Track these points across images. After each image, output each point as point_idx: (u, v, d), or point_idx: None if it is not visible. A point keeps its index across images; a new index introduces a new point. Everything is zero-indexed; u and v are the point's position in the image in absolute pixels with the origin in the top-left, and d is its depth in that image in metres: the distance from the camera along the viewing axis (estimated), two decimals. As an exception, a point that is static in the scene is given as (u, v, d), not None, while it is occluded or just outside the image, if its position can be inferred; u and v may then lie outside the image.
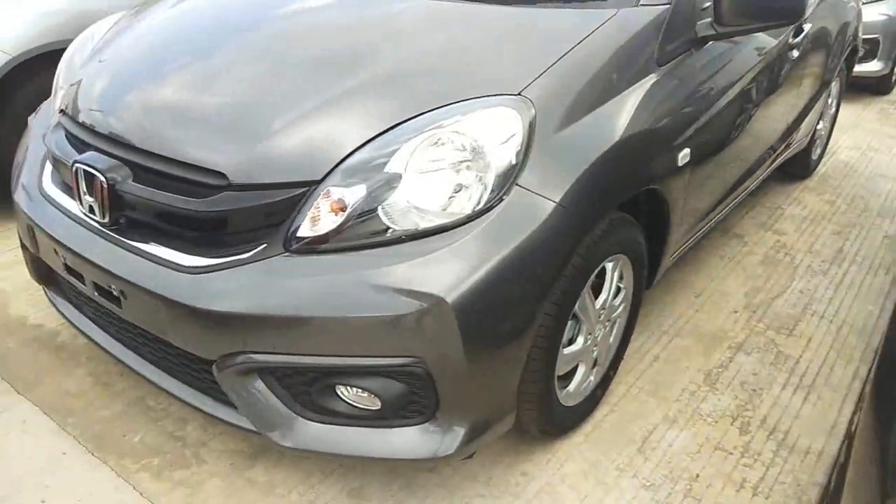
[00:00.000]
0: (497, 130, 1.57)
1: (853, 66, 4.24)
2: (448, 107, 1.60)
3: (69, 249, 1.78)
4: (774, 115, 2.90)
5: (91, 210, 1.74)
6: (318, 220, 1.55)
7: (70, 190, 1.90)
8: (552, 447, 2.07)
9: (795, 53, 2.90)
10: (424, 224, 1.53)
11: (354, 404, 1.62)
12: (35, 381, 2.25)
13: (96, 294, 1.79)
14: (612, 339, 2.16)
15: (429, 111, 1.60)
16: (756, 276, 3.10)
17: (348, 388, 1.61)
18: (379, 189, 1.54)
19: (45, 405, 2.15)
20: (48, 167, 2.04)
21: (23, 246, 2.16)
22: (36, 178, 2.03)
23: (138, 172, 1.68)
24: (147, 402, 2.18)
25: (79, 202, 1.77)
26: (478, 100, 1.62)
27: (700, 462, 2.07)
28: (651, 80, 1.92)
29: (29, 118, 2.32)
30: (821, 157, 4.32)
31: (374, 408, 1.61)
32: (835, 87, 4.01)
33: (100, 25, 2.36)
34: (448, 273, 1.48)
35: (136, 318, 1.72)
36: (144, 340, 1.83)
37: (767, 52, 2.60)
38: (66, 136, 1.93)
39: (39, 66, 3.03)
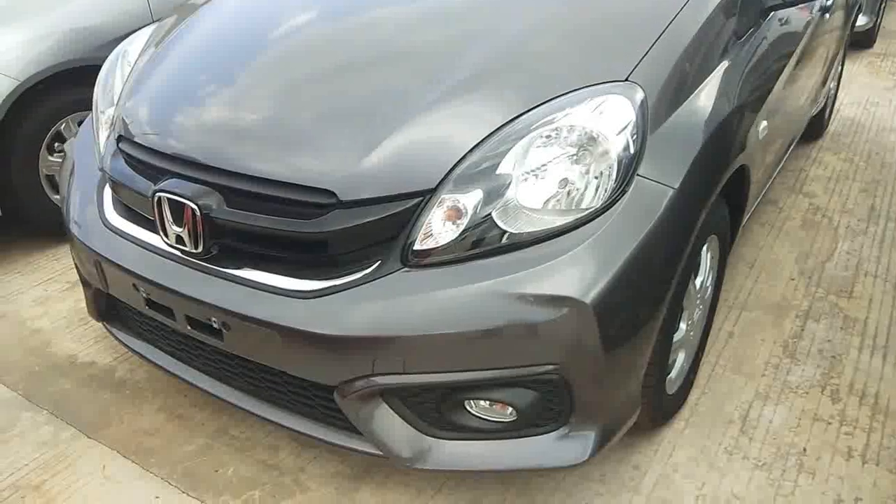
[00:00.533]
0: (611, 120, 1.51)
1: (856, 22, 4.26)
2: (556, 100, 1.53)
3: (155, 284, 1.67)
4: (814, 75, 2.89)
5: (178, 240, 1.63)
6: (434, 230, 1.47)
7: (142, 219, 1.79)
8: (656, 437, 2.04)
9: (828, 15, 2.89)
10: (545, 224, 1.46)
11: (486, 417, 1.56)
12: (103, 422, 2.13)
13: (189, 328, 1.68)
14: (702, 320, 2.13)
15: (537, 107, 1.53)
16: (800, 240, 3.10)
17: (479, 401, 1.54)
18: (494, 192, 1.47)
19: (122, 447, 2.04)
20: (107, 195, 1.92)
21: (83, 282, 2.03)
22: (96, 208, 1.90)
23: (231, 197, 1.58)
24: (230, 432, 2.08)
25: (162, 233, 1.66)
26: (585, 90, 1.55)
27: (803, 436, 2.05)
28: (734, 54, 1.87)
29: (66, 145, 2.18)
30: (830, 114, 4.35)
31: (507, 419, 1.55)
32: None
33: (133, 44, 2.22)
34: (584, 274, 1.42)
35: (241, 349, 1.63)
36: (244, 371, 1.73)
37: (812, 16, 2.58)
38: (130, 163, 1.81)
39: (44, 89, 2.87)
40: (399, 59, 1.70)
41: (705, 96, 1.70)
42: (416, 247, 1.48)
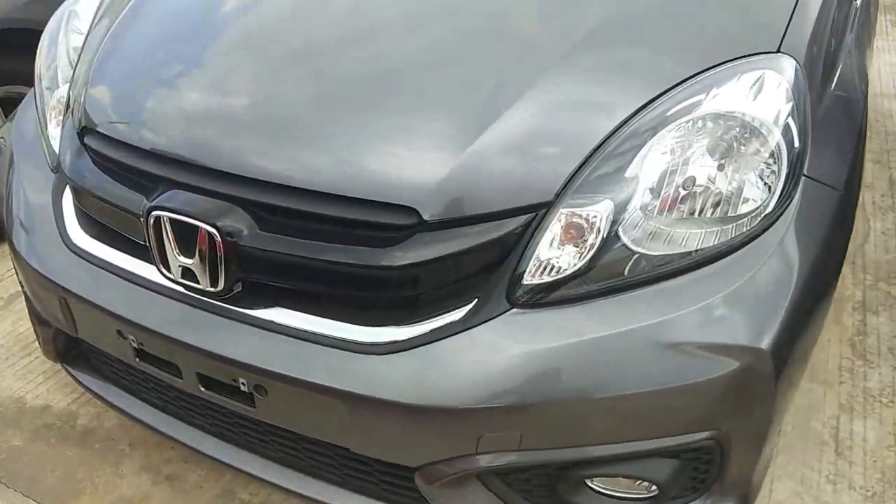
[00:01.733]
0: (770, 104, 1.15)
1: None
2: (697, 79, 1.17)
3: (153, 332, 1.23)
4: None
5: (186, 274, 1.19)
6: (551, 256, 1.10)
7: (126, 242, 1.33)
8: (749, 468, 1.76)
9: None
10: (690, 244, 1.11)
11: (614, 495, 1.22)
12: (72, 490, 1.68)
13: (204, 390, 1.26)
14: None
15: (674, 87, 1.16)
16: (830, 220, 2.88)
17: (604, 478, 1.20)
18: (622, 204, 1.10)
19: (101, 523, 1.61)
20: (68, 206, 1.44)
21: (38, 321, 1.56)
22: (53, 224, 1.42)
23: (265, 218, 1.15)
24: (239, 495, 1.66)
25: (160, 265, 1.22)
26: (731, 65, 1.18)
27: (904, 455, 1.82)
28: (856, 20, 1.55)
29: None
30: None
31: (642, 496, 1.21)
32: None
33: (80, 1, 1.70)
34: (756, 311, 1.08)
35: (283, 420, 1.22)
36: (276, 438, 1.33)
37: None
38: (103, 166, 1.34)
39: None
40: (493, 31, 1.29)
41: (847, 71, 1.38)
42: (528, 280, 1.10)
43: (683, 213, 1.11)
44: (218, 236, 1.13)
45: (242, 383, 1.19)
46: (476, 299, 1.12)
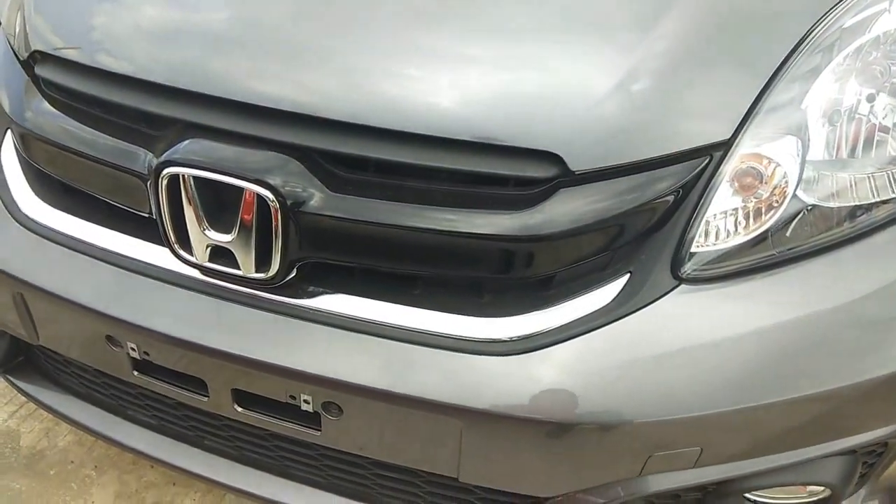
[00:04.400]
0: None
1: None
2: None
3: (167, 338, 0.88)
4: None
5: (216, 255, 0.85)
6: (729, 213, 0.84)
7: (110, 214, 0.96)
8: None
9: None
10: (873, 192, 0.88)
11: None
12: (28, 533, 1.31)
13: (239, 409, 0.93)
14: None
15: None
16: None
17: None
18: (808, 142, 0.85)
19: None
20: (13, 167, 1.04)
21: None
22: (-10, 192, 1.02)
23: (338, 175, 0.82)
24: (249, 521, 1.35)
25: (176, 243, 0.86)
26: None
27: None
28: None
29: None
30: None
31: (805, 500, 1.00)
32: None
33: None
34: None
35: (362, 445, 0.90)
36: (333, 464, 1.01)
37: None
38: (70, 107, 0.94)
39: None
40: None
41: None
42: (699, 246, 0.84)
43: (872, 153, 0.87)
44: (274, 200, 0.79)
45: (305, 401, 0.87)
46: (628, 274, 0.85)
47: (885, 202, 0.87)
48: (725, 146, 0.83)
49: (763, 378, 0.82)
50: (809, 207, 0.85)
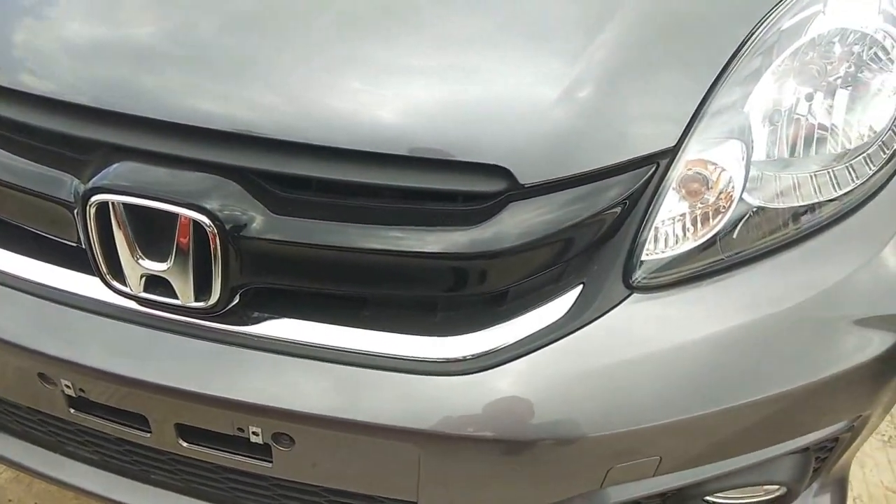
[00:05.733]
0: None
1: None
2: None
3: (103, 374, 0.83)
4: None
5: (150, 285, 0.80)
6: (677, 219, 0.84)
7: (32, 242, 0.90)
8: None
9: None
10: (815, 192, 0.89)
11: (730, 504, 1.00)
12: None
13: (184, 445, 0.88)
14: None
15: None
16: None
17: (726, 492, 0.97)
18: (751, 145, 0.86)
19: None
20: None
21: None
22: None
23: (279, 196, 0.78)
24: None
25: (108, 273, 0.81)
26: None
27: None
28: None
29: None
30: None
31: (760, 499, 1.01)
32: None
33: None
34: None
35: (317, 475, 0.87)
36: (287, 493, 0.97)
37: None
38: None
39: None
40: None
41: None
42: (650, 254, 0.83)
43: (801, 154, 0.88)
44: (211, 225, 0.75)
45: (254, 433, 0.83)
46: (581, 286, 0.83)
47: (829, 201, 0.88)
48: (671, 153, 0.83)
49: (717, 383, 0.82)
50: (755, 209, 0.86)
